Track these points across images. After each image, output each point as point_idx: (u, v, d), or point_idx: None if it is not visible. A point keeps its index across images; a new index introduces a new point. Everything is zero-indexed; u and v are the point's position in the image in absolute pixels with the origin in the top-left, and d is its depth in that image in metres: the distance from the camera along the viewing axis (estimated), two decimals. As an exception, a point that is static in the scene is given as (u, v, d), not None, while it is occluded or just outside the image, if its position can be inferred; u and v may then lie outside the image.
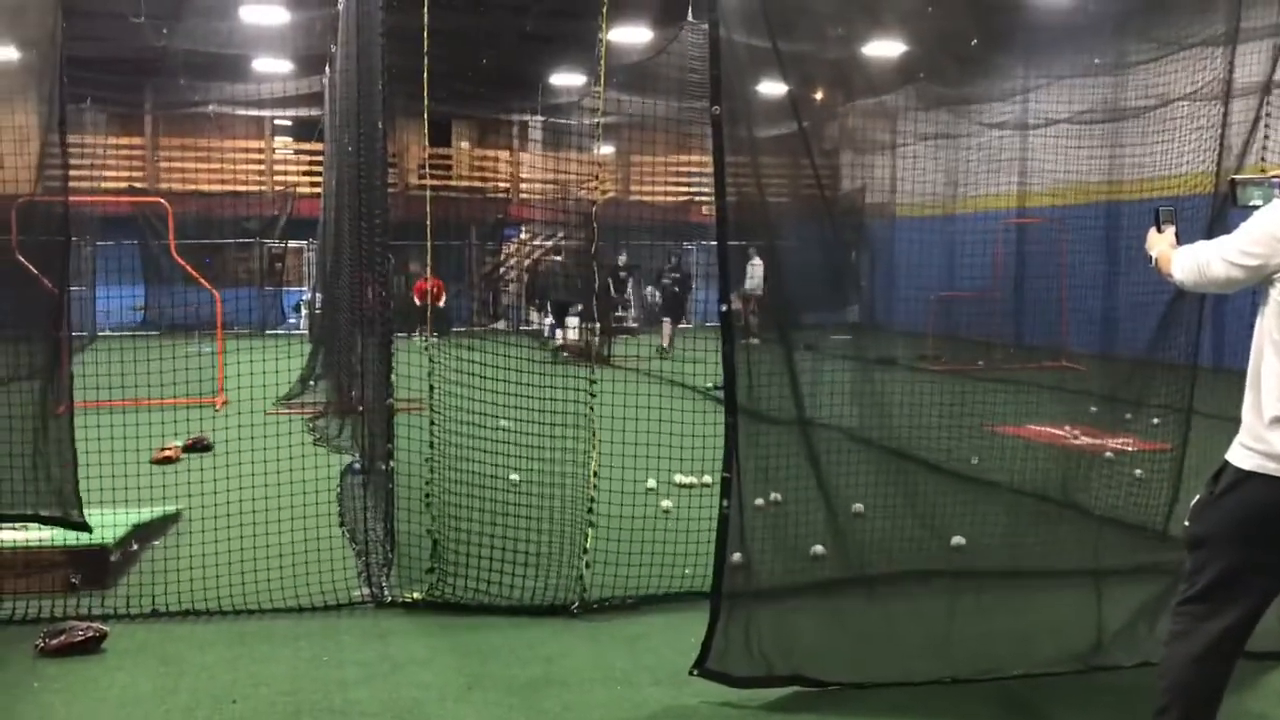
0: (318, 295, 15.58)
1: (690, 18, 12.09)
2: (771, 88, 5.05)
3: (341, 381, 9.86)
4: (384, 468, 5.81)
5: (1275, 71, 6.00)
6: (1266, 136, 6.42)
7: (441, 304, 17.69)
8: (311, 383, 12.58)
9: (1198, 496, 3.21)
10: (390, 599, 5.39)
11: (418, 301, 17.29)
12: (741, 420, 4.37)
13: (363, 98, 6.59)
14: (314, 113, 19.14)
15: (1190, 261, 3.29)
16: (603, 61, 5.65)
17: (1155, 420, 6.49)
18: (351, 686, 4.41)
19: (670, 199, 25.80)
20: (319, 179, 17.65)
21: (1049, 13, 12.67)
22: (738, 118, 4.58)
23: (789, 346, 4.84)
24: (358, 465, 7.61)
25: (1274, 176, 3.39)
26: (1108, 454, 7.45)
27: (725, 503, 4.28)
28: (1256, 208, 3.18)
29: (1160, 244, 3.52)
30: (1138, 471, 6.46)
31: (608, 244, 22.08)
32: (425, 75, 5.59)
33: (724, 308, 4.38)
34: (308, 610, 5.26)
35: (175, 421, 7.87)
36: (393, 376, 5.80)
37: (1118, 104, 10.43)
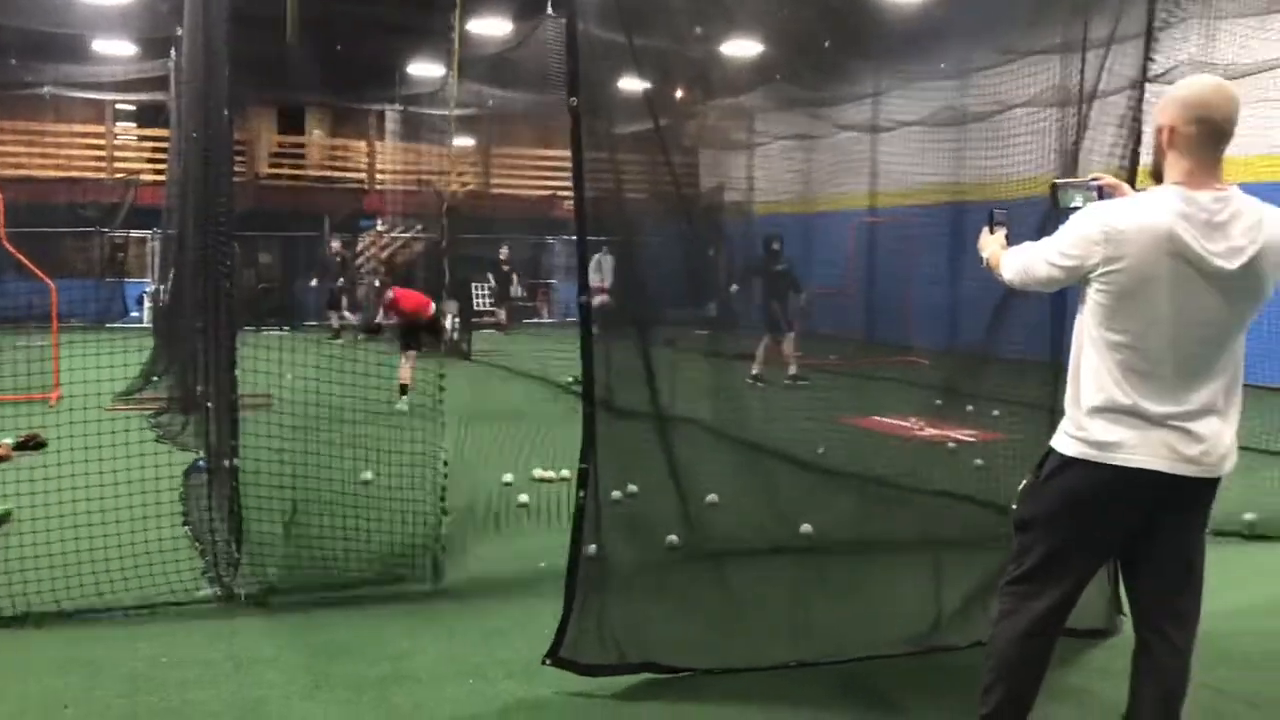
0: (163, 287, 15.01)
1: (550, 10, 12.08)
2: (630, 84, 5.10)
3: (186, 376, 9.52)
4: (227, 464, 5.64)
5: (1101, 81, 6.33)
6: (1135, 146, 6.76)
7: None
8: (155, 378, 12.12)
9: (1024, 481, 3.38)
10: (235, 597, 5.24)
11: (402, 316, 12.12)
12: (599, 413, 4.40)
13: (207, 83, 6.38)
14: (159, 97, 18.42)
15: (1017, 262, 3.44)
16: (457, 52, 5.61)
17: (995, 412, 6.79)
18: (193, 687, 4.27)
19: (532, 193, 25.73)
20: (164, 166, 16.98)
21: (899, 18, 13.06)
22: (597, 112, 4.60)
23: (647, 341, 4.89)
24: (203, 462, 7.37)
25: (1092, 180, 3.56)
26: (950, 444, 7.75)
27: (582, 493, 4.30)
28: (1076, 209, 3.33)
29: (991, 245, 3.68)
30: (977, 461, 6.75)
31: (494, 238, 21.86)
32: (285, 62, 5.44)
33: (582, 299, 4.41)
34: (147, 612, 5.07)
35: (5, 418, 7.48)
36: (237, 371, 5.63)
37: (963, 108, 10.82)
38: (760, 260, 14.29)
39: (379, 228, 24.94)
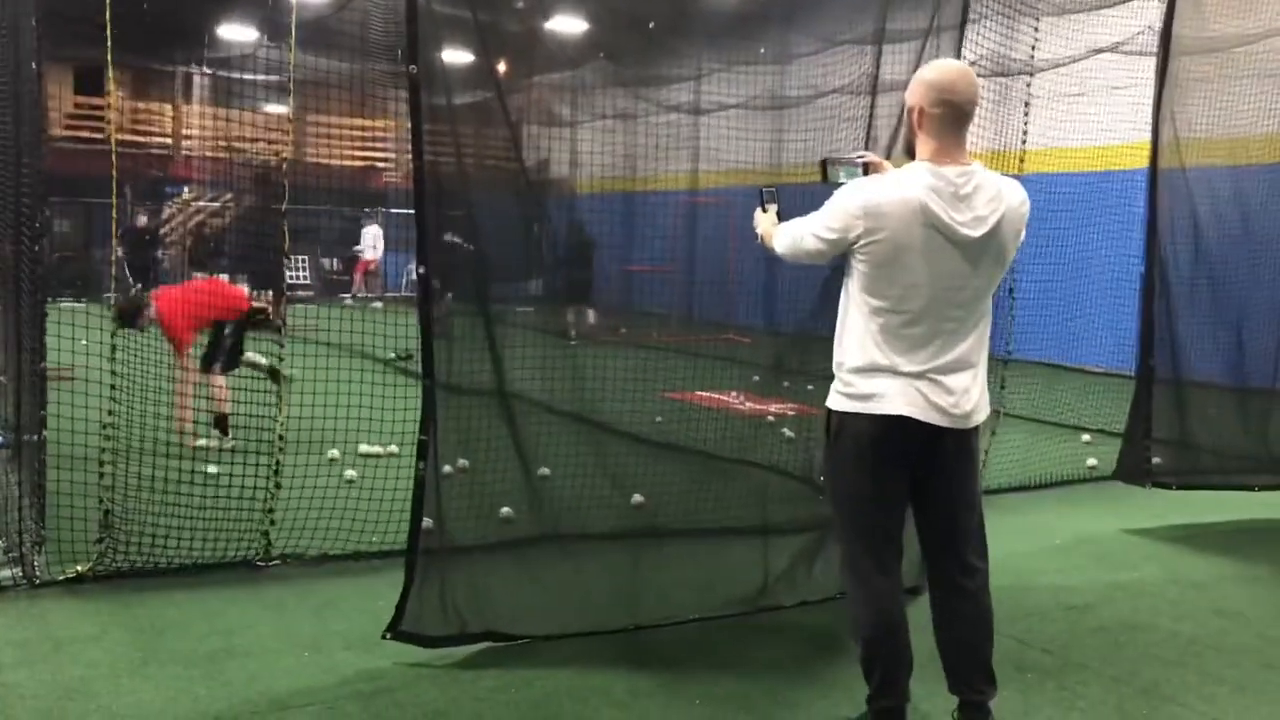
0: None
1: (379, -26, 11.77)
2: (466, 55, 5.07)
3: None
4: (35, 439, 5.36)
5: (917, 67, 6.67)
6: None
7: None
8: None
9: (822, 449, 3.57)
10: (45, 578, 5.00)
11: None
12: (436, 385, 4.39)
13: (8, 36, 5.99)
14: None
15: (787, 237, 3.66)
16: (295, 14, 5.46)
17: (810, 386, 7.05)
18: (8, 669, 4.08)
19: (351, 164, 24.99)
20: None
21: (722, 2, 13.34)
22: (433, 82, 4.57)
23: (487, 316, 4.90)
24: (3, 438, 6.95)
25: (858, 157, 3.80)
26: (769, 417, 8.03)
27: (421, 465, 4.30)
28: (842, 185, 3.52)
29: (764, 222, 3.89)
30: (787, 431, 7.01)
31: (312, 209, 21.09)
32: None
33: (421, 271, 4.40)
34: (-49, 594, 4.79)
35: None
36: (46, 340, 5.35)
37: (781, 93, 11.16)
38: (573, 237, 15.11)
39: (185, 195, 23.85)
